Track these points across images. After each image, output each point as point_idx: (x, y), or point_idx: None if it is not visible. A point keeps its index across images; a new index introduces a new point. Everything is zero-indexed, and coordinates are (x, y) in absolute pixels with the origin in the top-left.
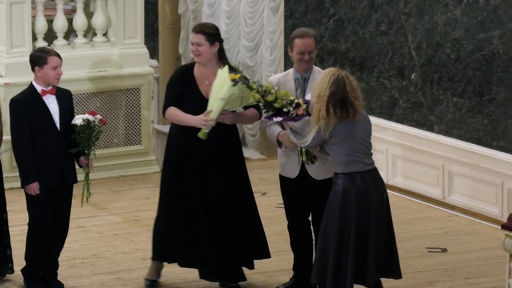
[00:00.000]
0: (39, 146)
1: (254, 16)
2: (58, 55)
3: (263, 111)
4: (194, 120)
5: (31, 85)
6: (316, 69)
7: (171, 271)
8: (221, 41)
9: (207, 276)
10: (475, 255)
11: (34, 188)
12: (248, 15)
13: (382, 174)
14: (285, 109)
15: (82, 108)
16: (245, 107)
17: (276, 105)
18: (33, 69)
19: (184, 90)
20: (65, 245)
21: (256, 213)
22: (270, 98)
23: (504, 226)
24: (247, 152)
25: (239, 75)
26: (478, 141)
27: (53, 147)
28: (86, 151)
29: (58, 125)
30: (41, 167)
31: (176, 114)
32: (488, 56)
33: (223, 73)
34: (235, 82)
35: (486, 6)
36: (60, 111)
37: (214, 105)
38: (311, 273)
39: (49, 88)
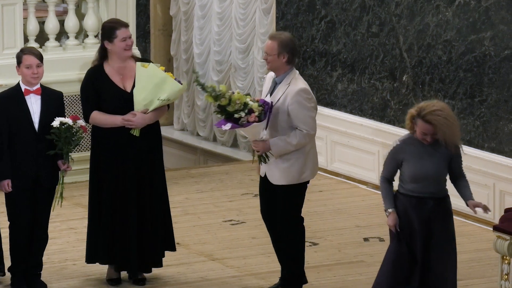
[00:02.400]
0: (16, 145)
1: (246, 18)
2: (34, 55)
3: (215, 113)
4: (120, 120)
5: (17, 84)
6: (295, 75)
7: (162, 272)
8: None
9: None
10: (467, 256)
11: (5, 186)
12: (240, 16)
13: (374, 175)
14: (236, 115)
15: (73, 110)
16: None
17: (229, 109)
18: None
19: (99, 89)
20: (57, 247)
21: (165, 219)
22: (223, 102)
23: (496, 228)
24: (239, 154)
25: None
26: (469, 143)
27: (29, 147)
28: (63, 155)
29: (36, 125)
30: (16, 166)
31: (102, 117)
32: (479, 58)
33: (155, 70)
34: (180, 82)
35: (477, 7)
36: (41, 112)
37: (153, 104)
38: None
39: (34, 88)
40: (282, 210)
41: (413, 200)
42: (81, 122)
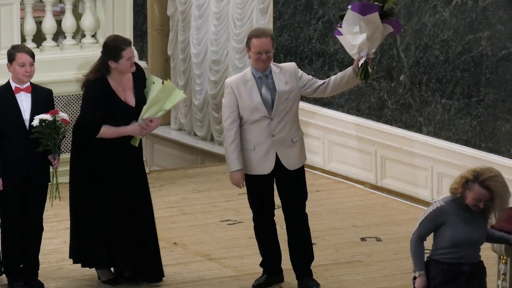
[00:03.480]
0: (7, 143)
1: (243, 18)
2: (28, 52)
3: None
4: (131, 130)
5: (8, 82)
6: (272, 64)
7: None
8: None
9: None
10: None
11: None
12: (237, 16)
13: (371, 176)
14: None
15: (71, 110)
16: None
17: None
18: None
19: (107, 103)
20: (54, 246)
21: (151, 228)
22: None
23: (493, 228)
24: None
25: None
26: (466, 143)
27: (20, 145)
28: (52, 150)
29: (27, 123)
30: (7, 164)
31: (110, 132)
32: (476, 58)
33: (170, 85)
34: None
35: (474, 7)
36: (32, 110)
37: (159, 114)
38: (278, 265)
39: (24, 86)
40: (300, 193)
41: (447, 268)
42: (62, 115)
